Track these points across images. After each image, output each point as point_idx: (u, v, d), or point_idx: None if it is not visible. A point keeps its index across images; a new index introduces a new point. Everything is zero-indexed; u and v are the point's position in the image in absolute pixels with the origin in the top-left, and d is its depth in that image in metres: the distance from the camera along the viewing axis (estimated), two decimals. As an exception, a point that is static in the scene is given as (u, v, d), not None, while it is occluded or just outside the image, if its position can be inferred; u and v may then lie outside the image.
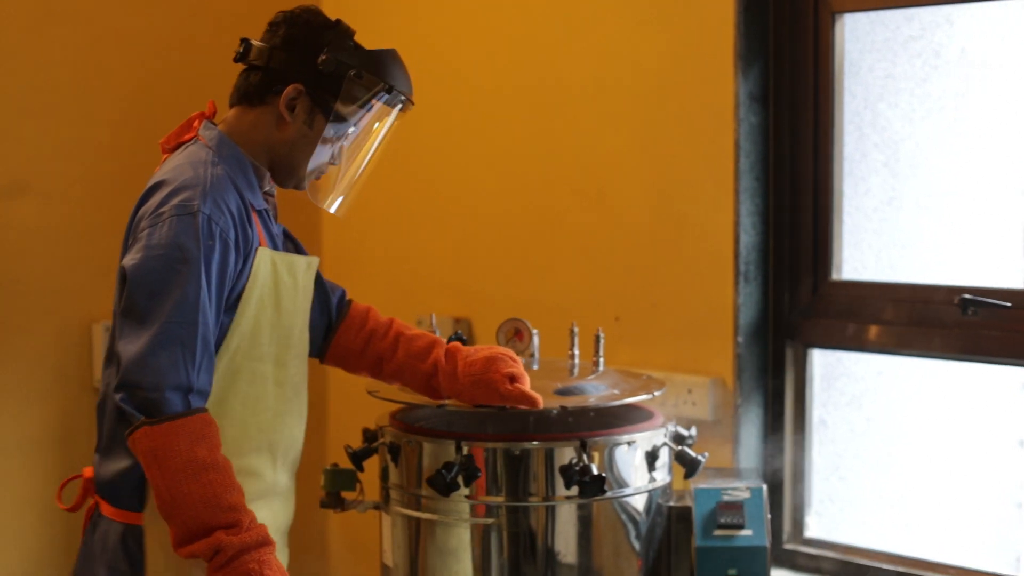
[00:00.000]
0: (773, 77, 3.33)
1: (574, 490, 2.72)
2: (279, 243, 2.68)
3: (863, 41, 3.26)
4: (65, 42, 3.85)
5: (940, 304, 3.09)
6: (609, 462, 2.77)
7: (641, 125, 3.50)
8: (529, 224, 3.77)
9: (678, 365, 3.42)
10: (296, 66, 2.55)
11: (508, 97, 3.81)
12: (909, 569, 3.20)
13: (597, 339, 3.01)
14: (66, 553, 3.60)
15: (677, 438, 2.92)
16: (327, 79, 2.55)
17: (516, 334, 2.99)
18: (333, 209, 2.71)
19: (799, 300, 3.34)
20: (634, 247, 3.52)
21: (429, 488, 2.74)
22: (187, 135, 2.61)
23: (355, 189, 2.71)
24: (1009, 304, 2.97)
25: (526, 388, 2.70)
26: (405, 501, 2.86)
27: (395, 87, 2.61)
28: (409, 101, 2.66)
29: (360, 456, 2.97)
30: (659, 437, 2.86)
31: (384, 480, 2.92)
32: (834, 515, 3.37)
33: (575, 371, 3.01)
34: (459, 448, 2.74)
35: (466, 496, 2.76)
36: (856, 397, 3.34)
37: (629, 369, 3.22)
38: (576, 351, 3.04)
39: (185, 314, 2.37)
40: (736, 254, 3.31)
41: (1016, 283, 3.04)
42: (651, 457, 2.83)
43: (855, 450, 3.34)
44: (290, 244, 2.78)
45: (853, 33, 3.27)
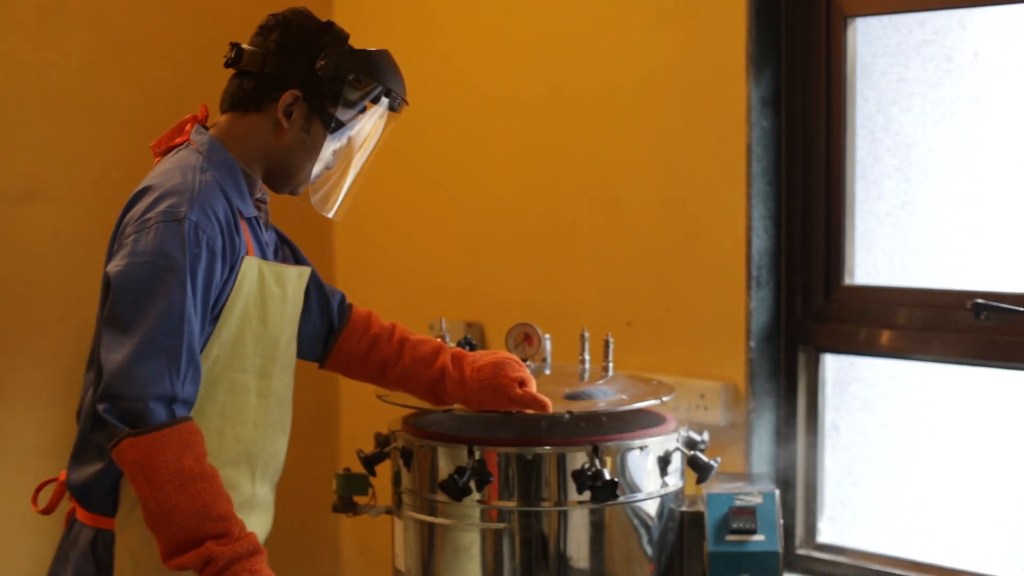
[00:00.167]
0: (785, 81, 3.33)
1: (586, 495, 2.72)
2: (269, 251, 2.63)
3: (875, 45, 3.26)
4: (76, 48, 3.86)
5: (953, 309, 3.09)
6: (621, 467, 2.77)
7: (653, 130, 3.50)
8: (542, 229, 3.77)
9: (690, 370, 3.42)
10: (292, 72, 2.51)
11: (520, 103, 3.81)
12: (922, 574, 3.20)
13: (607, 344, 3.01)
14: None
15: (689, 443, 2.92)
16: (325, 84, 2.51)
17: (525, 339, 2.99)
18: (331, 214, 2.67)
19: (811, 305, 3.34)
20: (646, 252, 3.52)
21: (441, 493, 2.74)
22: (179, 138, 2.57)
23: (352, 192, 2.67)
24: (1022, 309, 2.96)
25: (535, 392, 2.71)
26: (417, 506, 2.86)
27: (393, 89, 2.58)
28: (404, 101, 2.63)
29: (372, 461, 2.97)
30: (671, 442, 2.86)
31: (396, 485, 2.93)
32: (847, 520, 3.36)
33: (585, 376, 3.01)
34: (471, 453, 2.74)
35: (478, 501, 2.76)
36: (869, 402, 3.33)
37: (640, 374, 3.22)
38: (587, 356, 3.04)
39: (170, 323, 2.32)
40: (748, 259, 3.31)
41: (1029, 288, 3.03)
42: (663, 462, 2.83)
43: (868, 455, 3.33)
44: (287, 250, 2.74)
45: (865, 37, 3.27)
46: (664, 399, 2.85)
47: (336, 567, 4.44)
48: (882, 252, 3.29)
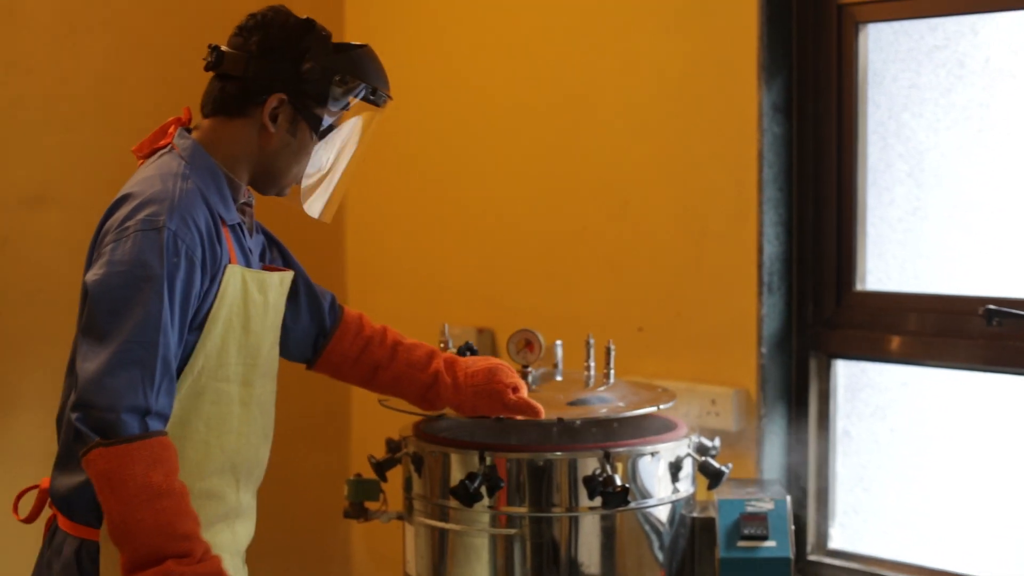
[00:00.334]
0: (797, 88, 3.32)
1: (597, 501, 2.72)
2: (254, 257, 2.59)
3: (887, 51, 3.26)
4: (88, 54, 3.87)
5: (965, 315, 3.08)
6: (632, 473, 2.77)
7: (664, 136, 3.50)
8: (553, 235, 3.77)
9: (702, 376, 3.42)
10: (276, 75, 2.46)
11: (531, 109, 3.82)
12: (934, 581, 3.20)
13: (608, 351, 3.01)
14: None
15: (701, 449, 2.92)
16: (310, 86, 2.47)
17: (527, 345, 2.98)
18: (317, 214, 2.63)
19: (823, 311, 3.33)
20: (658, 258, 3.52)
21: (453, 498, 2.74)
22: (162, 141, 2.53)
23: (339, 192, 2.64)
24: (1034, 315, 2.96)
25: (528, 398, 2.72)
26: (428, 511, 2.86)
27: (378, 87, 2.54)
28: (389, 96, 2.58)
29: (383, 466, 2.97)
30: (683, 448, 2.85)
31: (407, 490, 2.93)
32: (858, 526, 3.36)
33: (590, 382, 3.01)
34: (483, 458, 2.74)
35: (489, 506, 2.76)
36: (880, 408, 3.33)
37: (642, 381, 3.23)
38: (592, 363, 3.04)
39: (146, 334, 2.28)
40: (760, 265, 3.31)
41: (1041, 294, 3.03)
42: (675, 468, 2.83)
43: (879, 461, 3.33)
44: (275, 251, 2.71)
45: (877, 43, 3.26)
46: (661, 407, 2.85)
47: (347, 572, 4.44)
48: (894, 258, 3.28)
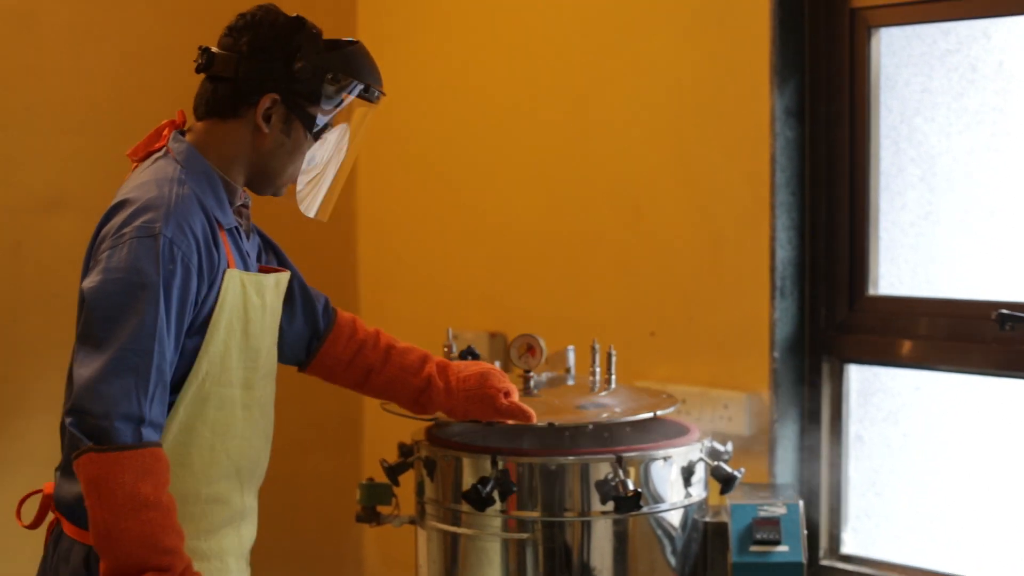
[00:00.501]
0: (809, 92, 3.32)
1: (610, 505, 2.72)
2: (251, 261, 2.58)
3: (899, 55, 3.26)
4: (103, 59, 3.88)
5: (977, 319, 3.08)
6: (645, 477, 2.77)
7: (677, 140, 3.50)
8: (566, 239, 3.77)
9: (714, 380, 3.42)
10: (268, 75, 2.44)
11: (544, 113, 3.82)
12: (946, 586, 3.19)
13: (608, 357, 3.01)
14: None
15: (713, 453, 2.92)
16: (302, 85, 2.45)
17: (528, 350, 2.99)
18: (313, 212, 2.62)
19: (835, 315, 3.33)
20: (670, 262, 3.52)
21: (465, 503, 2.74)
22: (157, 144, 2.52)
23: (335, 189, 2.62)
24: (1047, 319, 2.96)
25: (520, 403, 2.74)
26: (441, 516, 2.86)
27: (370, 84, 2.53)
28: (382, 92, 2.57)
29: (396, 470, 2.97)
30: (695, 452, 2.85)
31: (420, 495, 2.93)
32: (871, 531, 3.35)
33: (595, 387, 3.01)
34: (495, 463, 2.74)
35: (501, 511, 2.76)
36: (893, 412, 3.32)
37: (645, 386, 3.23)
38: (597, 368, 3.03)
39: (141, 341, 2.28)
40: (772, 269, 3.31)
41: (1054, 298, 3.02)
42: (687, 472, 2.83)
43: (892, 466, 3.33)
44: (271, 254, 2.71)
45: (889, 47, 3.26)
46: (658, 413, 2.85)
47: (359, 577, 4.44)
48: (906, 262, 3.28)
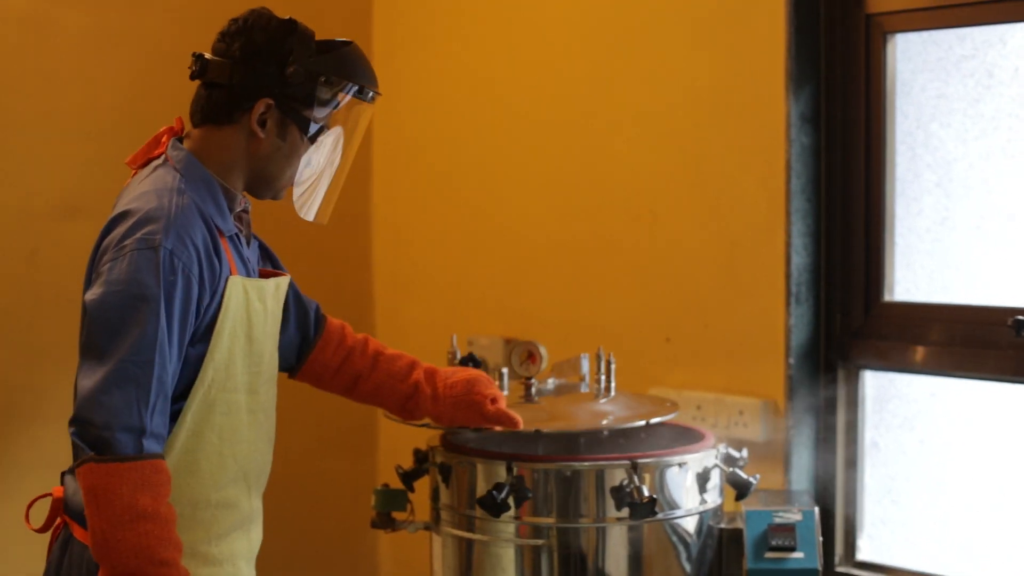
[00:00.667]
0: (824, 98, 3.32)
1: (625, 511, 2.72)
2: (252, 266, 2.59)
3: (915, 61, 3.25)
4: (119, 66, 3.89)
5: (993, 325, 3.07)
6: (660, 483, 2.77)
7: (693, 146, 3.50)
8: (581, 246, 3.77)
9: (729, 386, 3.42)
10: (261, 80, 2.44)
11: (559, 119, 3.82)
12: (963, 593, 3.18)
13: (608, 363, 3.00)
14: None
15: (728, 460, 2.92)
16: (296, 89, 2.45)
17: (529, 357, 2.99)
18: (312, 216, 2.61)
19: (851, 321, 3.33)
20: (685, 268, 3.52)
21: (480, 509, 2.75)
22: (156, 151, 2.53)
23: (333, 192, 2.62)
24: (1064, 326, 2.95)
25: (507, 409, 2.74)
26: (456, 522, 2.86)
27: (365, 85, 2.52)
28: (377, 92, 2.56)
29: (411, 476, 2.98)
30: (710, 459, 2.85)
31: (435, 500, 2.93)
32: (886, 538, 3.35)
33: (599, 394, 3.01)
34: (510, 469, 2.74)
35: (516, 517, 2.76)
36: (908, 419, 3.32)
37: (644, 393, 3.22)
38: (603, 375, 3.03)
39: (142, 353, 2.29)
40: (788, 275, 3.30)
41: (1071, 304, 3.01)
42: (702, 479, 2.83)
43: (907, 472, 3.32)
44: (267, 260, 2.71)
45: (905, 53, 3.26)
46: (652, 421, 2.84)
47: (374, 583, 4.44)
48: (922, 268, 3.27)
